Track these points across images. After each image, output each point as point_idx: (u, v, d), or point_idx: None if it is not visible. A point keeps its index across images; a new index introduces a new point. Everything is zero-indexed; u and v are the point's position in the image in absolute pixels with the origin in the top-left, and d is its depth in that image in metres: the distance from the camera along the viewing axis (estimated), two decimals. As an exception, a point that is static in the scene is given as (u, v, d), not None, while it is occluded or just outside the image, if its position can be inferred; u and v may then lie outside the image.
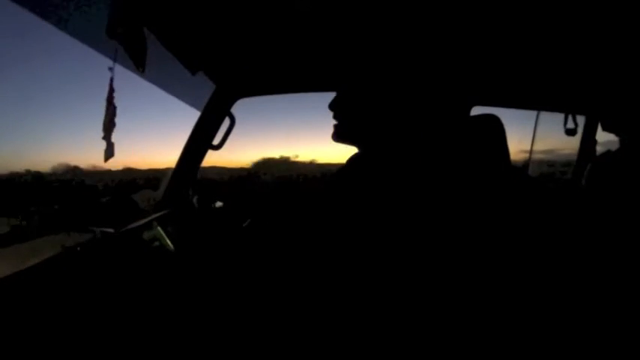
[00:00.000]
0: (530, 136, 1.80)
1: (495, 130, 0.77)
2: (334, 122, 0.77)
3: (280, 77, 1.34)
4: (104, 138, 0.86)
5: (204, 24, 0.94)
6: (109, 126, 0.86)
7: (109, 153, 0.84)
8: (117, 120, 0.86)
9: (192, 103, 1.41)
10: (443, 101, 0.77)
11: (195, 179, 1.39)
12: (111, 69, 0.85)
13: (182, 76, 1.18)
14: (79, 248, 0.95)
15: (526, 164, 1.87)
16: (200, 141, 1.36)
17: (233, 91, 1.35)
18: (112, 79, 0.86)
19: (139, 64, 0.85)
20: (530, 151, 1.82)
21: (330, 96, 0.82)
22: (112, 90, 0.86)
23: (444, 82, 0.76)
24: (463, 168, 0.71)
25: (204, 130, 1.35)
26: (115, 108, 0.87)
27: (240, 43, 1.08)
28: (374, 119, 0.71)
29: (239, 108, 1.39)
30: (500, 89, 1.44)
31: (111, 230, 1.10)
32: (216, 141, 1.38)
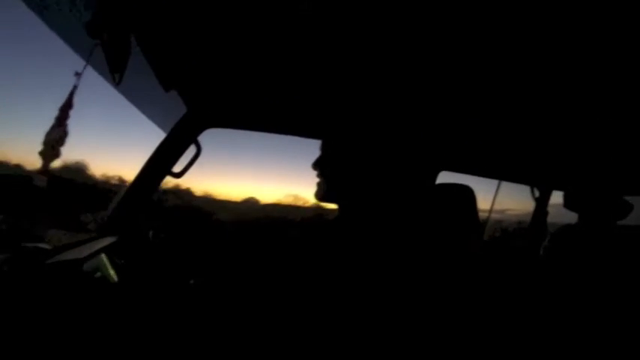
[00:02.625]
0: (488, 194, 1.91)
1: (468, 201, 0.81)
2: (317, 180, 0.79)
3: (256, 114, 1.29)
4: (42, 153, 0.75)
5: (192, 40, 0.87)
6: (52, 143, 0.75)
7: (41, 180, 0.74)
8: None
9: (160, 124, 1.33)
10: (417, 164, 0.81)
11: (148, 205, 1.28)
12: (78, 75, 0.74)
13: (153, 92, 1.10)
14: (5, 268, 0.82)
15: (485, 222, 1.97)
16: (160, 165, 1.26)
17: (204, 118, 1.28)
18: (74, 89, 0.76)
19: (116, 73, 0.75)
20: (490, 211, 1.92)
21: (301, 140, 0.81)
22: (69, 103, 0.76)
23: (419, 146, 0.80)
24: (434, 234, 0.74)
25: (166, 155, 1.26)
26: (65, 131, 0.77)
27: (223, 70, 1.02)
28: (355, 181, 0.74)
29: (207, 137, 1.32)
30: (470, 158, 1.51)
31: (46, 247, 0.98)
32: (178, 168, 1.29)
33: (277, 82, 1.06)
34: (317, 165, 0.78)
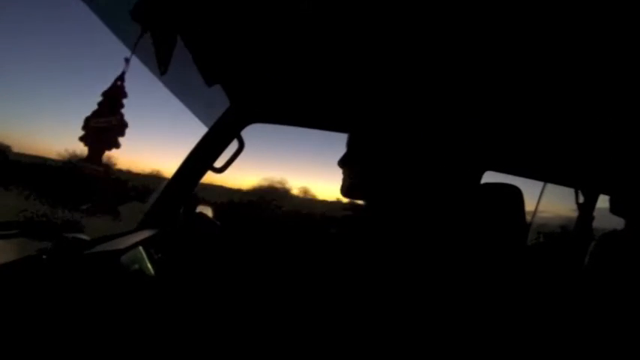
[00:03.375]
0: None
1: (516, 202, 0.79)
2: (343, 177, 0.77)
3: (301, 109, 1.27)
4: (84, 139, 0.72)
5: (236, 34, 0.86)
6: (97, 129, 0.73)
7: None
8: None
9: (202, 118, 1.31)
10: (455, 162, 0.80)
11: (188, 200, 1.27)
12: (127, 60, 0.71)
13: (197, 86, 1.09)
14: (44, 256, 0.81)
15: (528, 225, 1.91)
16: (201, 160, 1.25)
17: (248, 112, 1.26)
18: (123, 75, 0.73)
19: (162, 64, 0.73)
20: (534, 215, 1.86)
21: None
22: (121, 91, 0.73)
23: (455, 143, 0.79)
24: (477, 234, 0.73)
25: (207, 150, 1.25)
26: (121, 117, 0.74)
27: (268, 63, 1.01)
28: (383, 177, 0.72)
29: (249, 132, 1.30)
30: (516, 158, 1.46)
31: (85, 237, 0.98)
32: (219, 163, 1.27)
33: (323, 76, 1.04)
34: (344, 162, 0.76)
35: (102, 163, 0.76)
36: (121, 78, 0.73)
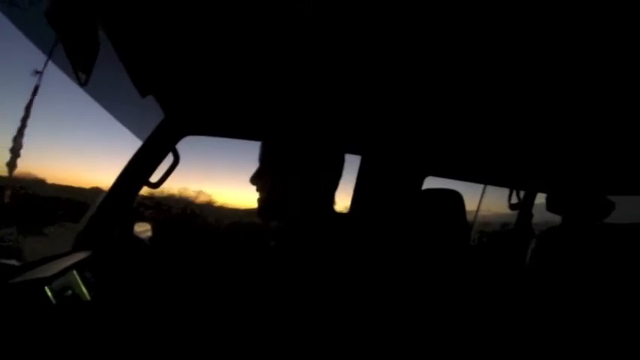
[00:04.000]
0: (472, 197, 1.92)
1: (456, 206, 0.81)
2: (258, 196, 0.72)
3: (237, 121, 1.24)
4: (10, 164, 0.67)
5: (171, 42, 0.82)
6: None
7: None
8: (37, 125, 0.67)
9: (135, 131, 1.26)
10: (392, 170, 0.80)
11: (125, 217, 1.22)
12: (39, 73, 0.62)
13: (128, 97, 1.04)
14: None
15: (471, 225, 1.98)
16: (136, 175, 1.20)
17: (183, 125, 1.23)
18: (36, 90, 0.67)
19: (82, 71, 0.67)
20: (476, 216, 1.92)
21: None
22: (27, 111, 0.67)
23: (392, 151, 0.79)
24: (418, 238, 0.77)
25: (142, 164, 1.20)
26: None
27: (203, 74, 0.97)
28: (298, 195, 0.68)
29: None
30: (455, 163, 1.51)
31: (14, 263, 0.92)
32: (155, 177, 1.23)
33: (260, 87, 1.02)
34: (255, 179, 0.70)
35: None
36: (34, 94, 0.66)
